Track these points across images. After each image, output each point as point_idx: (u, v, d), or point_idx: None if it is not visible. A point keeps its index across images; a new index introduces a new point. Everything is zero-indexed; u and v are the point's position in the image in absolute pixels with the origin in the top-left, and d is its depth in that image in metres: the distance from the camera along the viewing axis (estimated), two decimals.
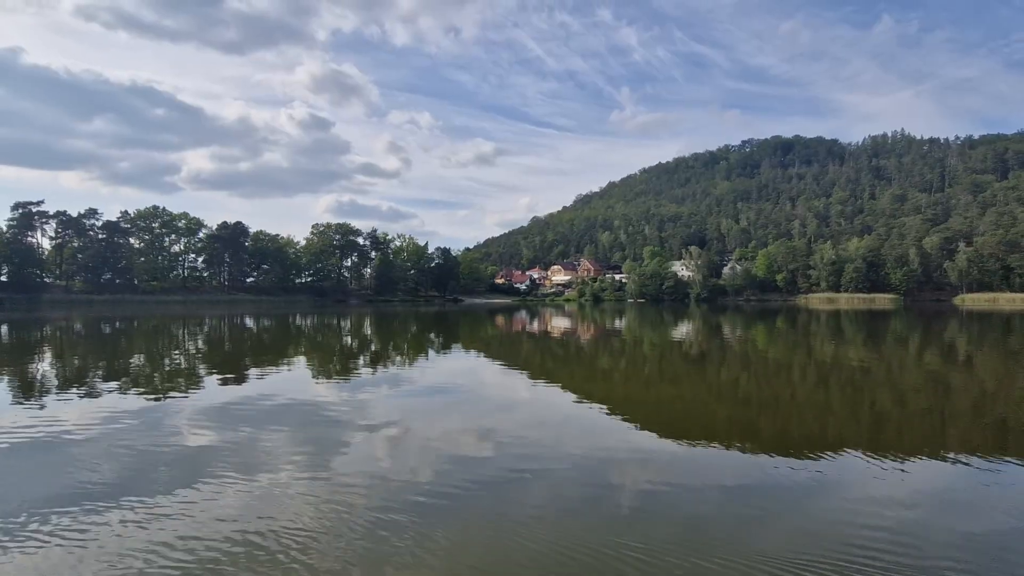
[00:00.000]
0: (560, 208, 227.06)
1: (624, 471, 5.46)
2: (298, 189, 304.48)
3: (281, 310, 55.47)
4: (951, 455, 5.84)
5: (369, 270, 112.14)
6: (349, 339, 23.35)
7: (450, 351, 18.69)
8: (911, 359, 15.17)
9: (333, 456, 5.88)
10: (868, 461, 5.69)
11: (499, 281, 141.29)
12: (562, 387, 10.53)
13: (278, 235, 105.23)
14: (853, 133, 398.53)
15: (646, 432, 6.97)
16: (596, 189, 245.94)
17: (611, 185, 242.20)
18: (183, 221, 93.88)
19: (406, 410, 8.27)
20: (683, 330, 28.04)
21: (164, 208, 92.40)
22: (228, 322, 34.25)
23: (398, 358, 15.85)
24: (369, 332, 27.43)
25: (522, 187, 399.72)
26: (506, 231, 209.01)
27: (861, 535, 3.96)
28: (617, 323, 35.29)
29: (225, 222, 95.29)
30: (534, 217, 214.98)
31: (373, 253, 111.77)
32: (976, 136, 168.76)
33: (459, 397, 9.69)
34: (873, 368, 13.17)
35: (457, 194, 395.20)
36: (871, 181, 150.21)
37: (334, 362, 14.56)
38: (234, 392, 9.62)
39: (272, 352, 17.14)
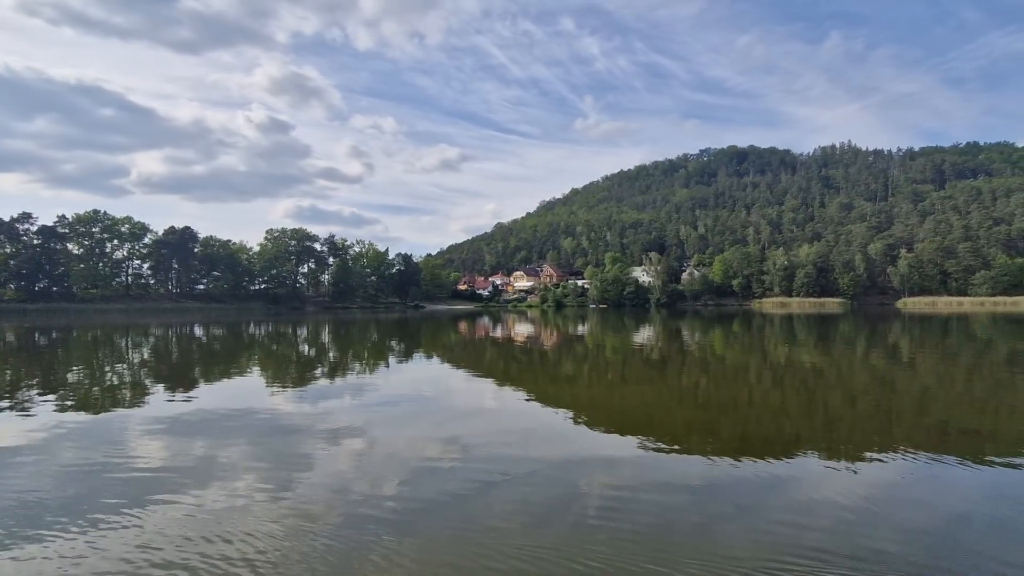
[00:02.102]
0: (524, 214, 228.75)
1: (590, 476, 5.48)
2: (256, 193, 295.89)
3: (233, 318, 53.43)
4: (898, 453, 6.13)
5: (327, 276, 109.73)
6: (306, 347, 22.69)
7: (412, 358, 18.41)
8: (859, 361, 15.92)
9: (293, 469, 5.65)
10: (822, 459, 5.91)
11: (462, 287, 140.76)
12: (527, 393, 10.51)
13: (229, 240, 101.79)
14: (804, 144, 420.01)
15: (611, 436, 7.03)
16: (559, 195, 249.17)
17: (574, 191, 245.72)
18: (127, 226, 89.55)
19: (369, 419, 8.07)
20: (644, 335, 28.58)
21: (106, 212, 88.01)
22: (176, 331, 32.72)
23: (359, 366, 15.49)
24: (327, 340, 26.74)
25: (487, 193, 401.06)
26: (471, 237, 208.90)
27: (817, 531, 4.11)
28: (580, 329, 35.66)
29: (173, 227, 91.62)
30: (498, 223, 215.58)
31: (331, 259, 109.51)
32: (916, 148, 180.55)
33: (423, 405, 9.52)
34: (825, 370, 13.74)
35: (421, 200, 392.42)
36: (821, 190, 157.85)
37: (291, 371, 14.10)
38: (184, 405, 9.16)
39: (224, 362, 16.45)
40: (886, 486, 5.16)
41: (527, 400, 9.84)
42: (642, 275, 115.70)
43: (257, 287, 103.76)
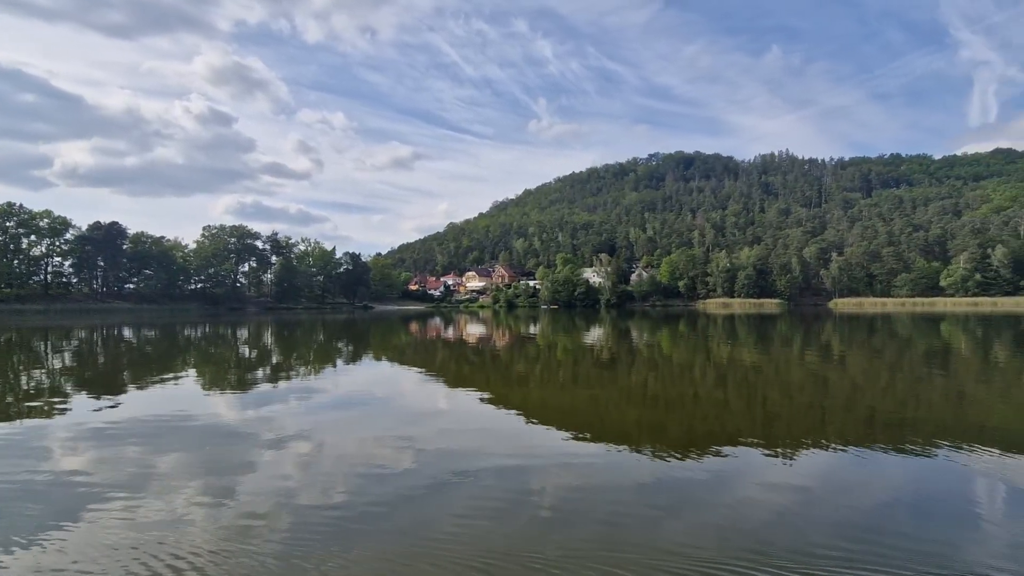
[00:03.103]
0: (477, 214, 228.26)
1: (543, 476, 5.51)
2: (194, 188, 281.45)
3: (166, 319, 50.50)
4: (830, 444, 6.51)
5: (270, 276, 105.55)
6: (247, 349, 21.72)
7: (361, 360, 17.97)
8: (795, 358, 16.82)
9: (235, 477, 5.38)
10: (762, 453, 6.19)
11: (413, 287, 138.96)
12: (479, 394, 10.47)
13: (163, 237, 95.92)
14: (746, 151, 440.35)
15: (563, 436, 7.10)
16: (512, 196, 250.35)
17: (527, 193, 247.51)
18: (46, 220, 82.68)
19: (317, 423, 7.80)
20: (594, 335, 29.11)
21: (22, 205, 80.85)
22: (101, 333, 30.58)
23: (304, 369, 14.97)
24: (270, 342, 25.71)
25: (440, 193, 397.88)
26: (424, 237, 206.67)
27: (758, 521, 4.30)
28: (531, 329, 35.92)
29: (98, 222, 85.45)
30: (450, 223, 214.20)
31: (274, 258, 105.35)
32: (847, 158, 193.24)
33: (374, 408, 9.31)
34: (764, 368, 14.43)
35: (372, 198, 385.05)
36: (761, 196, 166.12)
37: (231, 375, 13.45)
38: (112, 412, 8.55)
39: (156, 366, 15.50)
40: (821, 476, 5.46)
41: (479, 401, 9.80)
42: (593, 276, 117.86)
43: (193, 287, 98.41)
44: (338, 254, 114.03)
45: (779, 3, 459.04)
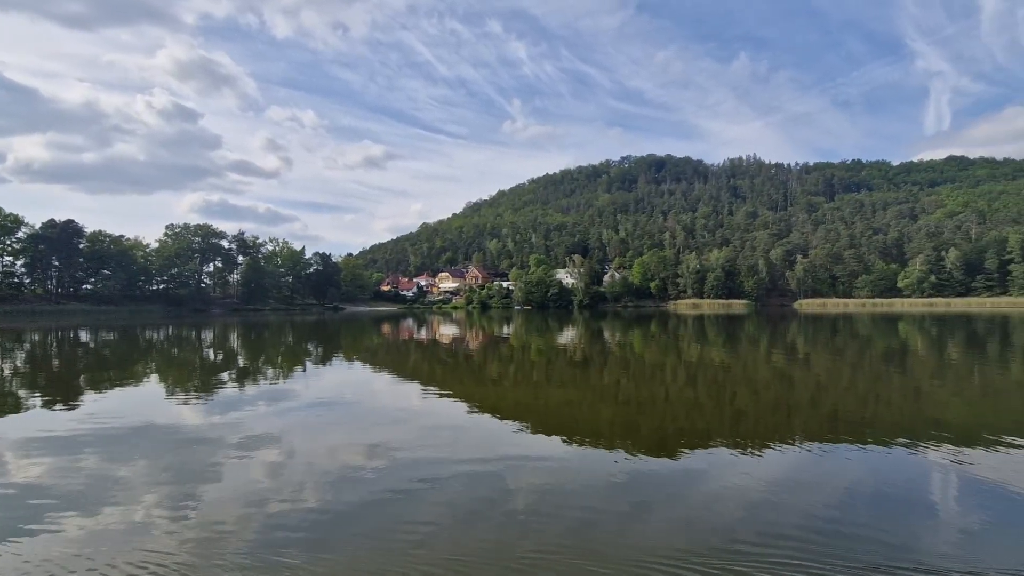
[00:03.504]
0: (450, 215, 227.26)
1: (518, 476, 5.50)
2: (157, 185, 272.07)
3: (125, 321, 48.68)
4: (796, 441, 6.70)
5: (236, 276, 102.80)
6: (212, 352, 21.11)
7: (332, 362, 17.67)
8: (762, 358, 17.26)
9: (201, 483, 5.21)
10: (732, 450, 6.33)
11: (385, 288, 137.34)
12: (453, 395, 10.41)
13: (123, 236, 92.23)
14: (716, 155, 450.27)
15: (537, 436, 7.11)
16: (486, 197, 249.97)
17: (500, 193, 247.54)
18: None
19: (286, 427, 7.62)
20: (567, 336, 29.30)
21: None
22: (56, 336, 29.28)
23: (272, 371, 14.62)
24: (236, 344, 25.04)
25: (413, 193, 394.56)
26: (396, 237, 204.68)
27: (728, 516, 4.40)
28: (505, 330, 35.92)
29: (53, 220, 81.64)
30: (424, 223, 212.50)
31: (241, 258, 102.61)
32: (811, 163, 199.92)
33: (345, 411, 9.15)
34: (732, 367, 14.75)
35: (344, 197, 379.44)
36: (729, 199, 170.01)
37: (195, 378, 13.05)
38: (69, 418, 8.18)
39: (115, 370, 14.92)
40: (787, 472, 5.61)
41: (453, 403, 9.75)
42: (566, 277, 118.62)
43: (156, 288, 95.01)
44: (308, 254, 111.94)
45: (746, 12, 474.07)
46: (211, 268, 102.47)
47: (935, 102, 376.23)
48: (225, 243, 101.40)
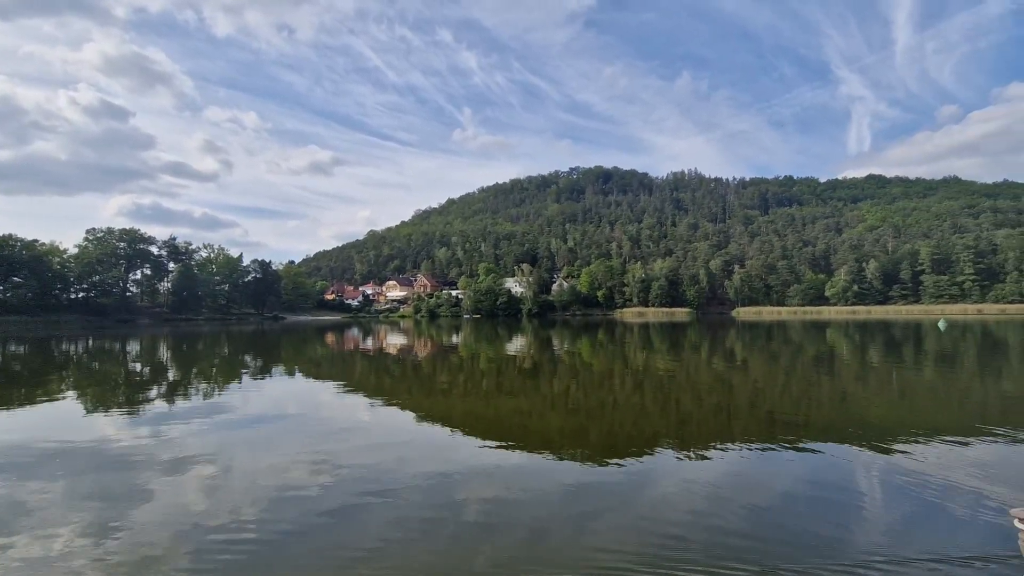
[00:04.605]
0: (399, 223, 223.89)
1: (469, 486, 5.43)
2: (81, 187, 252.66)
3: (39, 333, 44.82)
4: (737, 443, 6.97)
5: (167, 284, 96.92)
6: (139, 365, 19.75)
7: (272, 375, 16.91)
8: (704, 364, 17.93)
9: (129, 507, 4.83)
10: (677, 453, 6.52)
11: (329, 297, 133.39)
12: (401, 406, 10.20)
13: (36, 240, 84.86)
14: (660, 169, 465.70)
15: (487, 446, 7.06)
16: (436, 205, 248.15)
17: (450, 202, 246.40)
18: None
19: (223, 444, 7.20)
20: (517, 344, 29.39)
21: None
22: None
23: (206, 385, 13.83)
24: (166, 356, 23.55)
25: (361, 200, 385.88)
26: (342, 244, 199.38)
27: (675, 518, 4.51)
28: (454, 339, 35.63)
29: None
30: (371, 231, 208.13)
31: (172, 265, 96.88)
32: (748, 178, 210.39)
33: (287, 425, 8.75)
34: (677, 373, 15.24)
35: (288, 203, 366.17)
36: (673, 211, 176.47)
37: (119, 393, 12.14)
38: None
39: (28, 386, 13.67)
40: (729, 473, 5.82)
41: (401, 414, 9.54)
42: (515, 286, 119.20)
43: (75, 296, 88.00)
44: (247, 261, 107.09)
45: (688, 32, 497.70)
46: (139, 276, 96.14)
47: (857, 124, 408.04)
48: (155, 249, 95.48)
